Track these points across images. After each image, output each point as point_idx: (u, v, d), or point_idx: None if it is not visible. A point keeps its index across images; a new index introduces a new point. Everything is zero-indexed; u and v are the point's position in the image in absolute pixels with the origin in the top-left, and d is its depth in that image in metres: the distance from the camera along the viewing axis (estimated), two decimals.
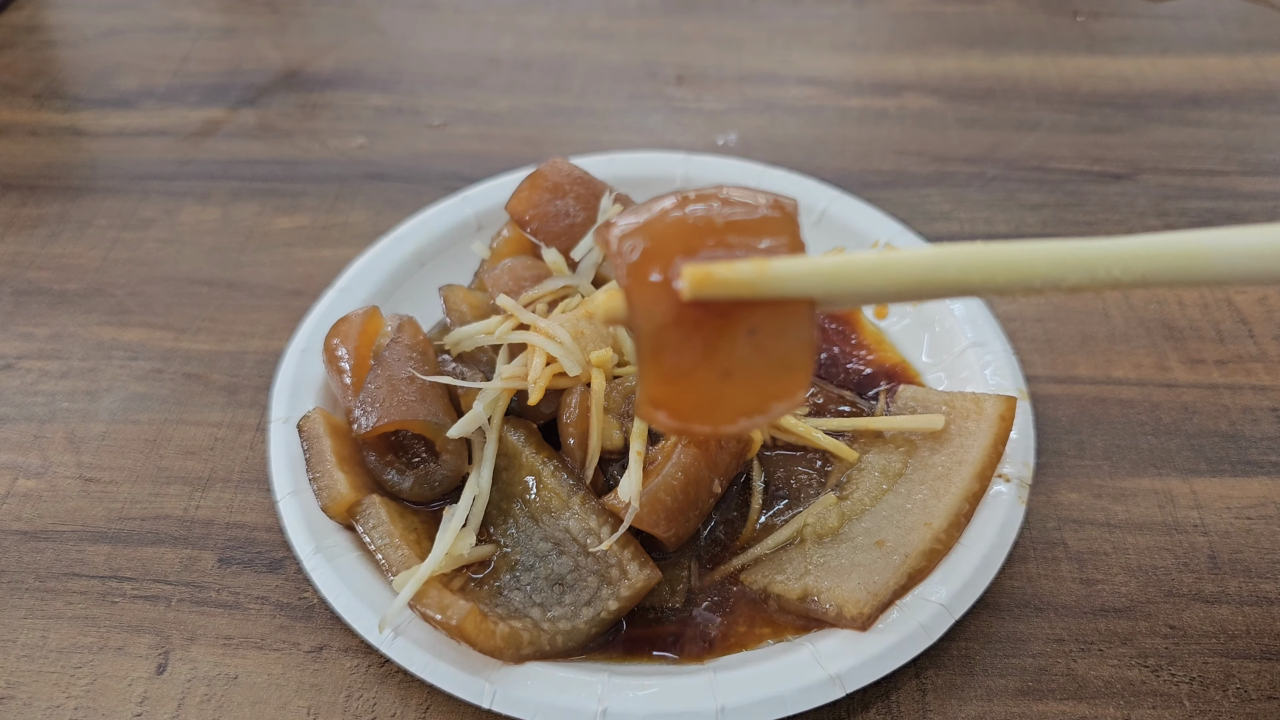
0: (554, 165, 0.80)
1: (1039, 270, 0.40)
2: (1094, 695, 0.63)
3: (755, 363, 0.42)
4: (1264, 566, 0.69)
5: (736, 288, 0.41)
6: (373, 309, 0.76)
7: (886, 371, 0.79)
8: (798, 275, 0.41)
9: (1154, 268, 0.40)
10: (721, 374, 0.42)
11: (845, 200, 0.88)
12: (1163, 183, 0.99)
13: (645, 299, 0.42)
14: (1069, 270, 0.40)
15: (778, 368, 0.43)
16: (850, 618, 0.61)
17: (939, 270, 0.41)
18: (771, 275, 0.41)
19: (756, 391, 0.43)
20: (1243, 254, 0.39)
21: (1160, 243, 0.40)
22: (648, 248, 0.42)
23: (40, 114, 1.09)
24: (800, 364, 0.43)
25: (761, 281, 0.41)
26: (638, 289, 0.42)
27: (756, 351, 0.42)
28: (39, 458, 0.77)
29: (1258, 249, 0.39)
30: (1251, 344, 0.83)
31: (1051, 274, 0.40)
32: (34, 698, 0.63)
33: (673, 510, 0.63)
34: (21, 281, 0.90)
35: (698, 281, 0.41)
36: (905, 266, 0.41)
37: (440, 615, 0.59)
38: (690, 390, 0.43)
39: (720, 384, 0.42)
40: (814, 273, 0.41)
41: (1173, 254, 0.40)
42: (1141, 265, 0.40)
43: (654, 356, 0.43)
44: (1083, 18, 1.21)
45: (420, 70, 1.14)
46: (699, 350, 0.42)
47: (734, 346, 0.42)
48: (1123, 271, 0.40)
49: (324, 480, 0.67)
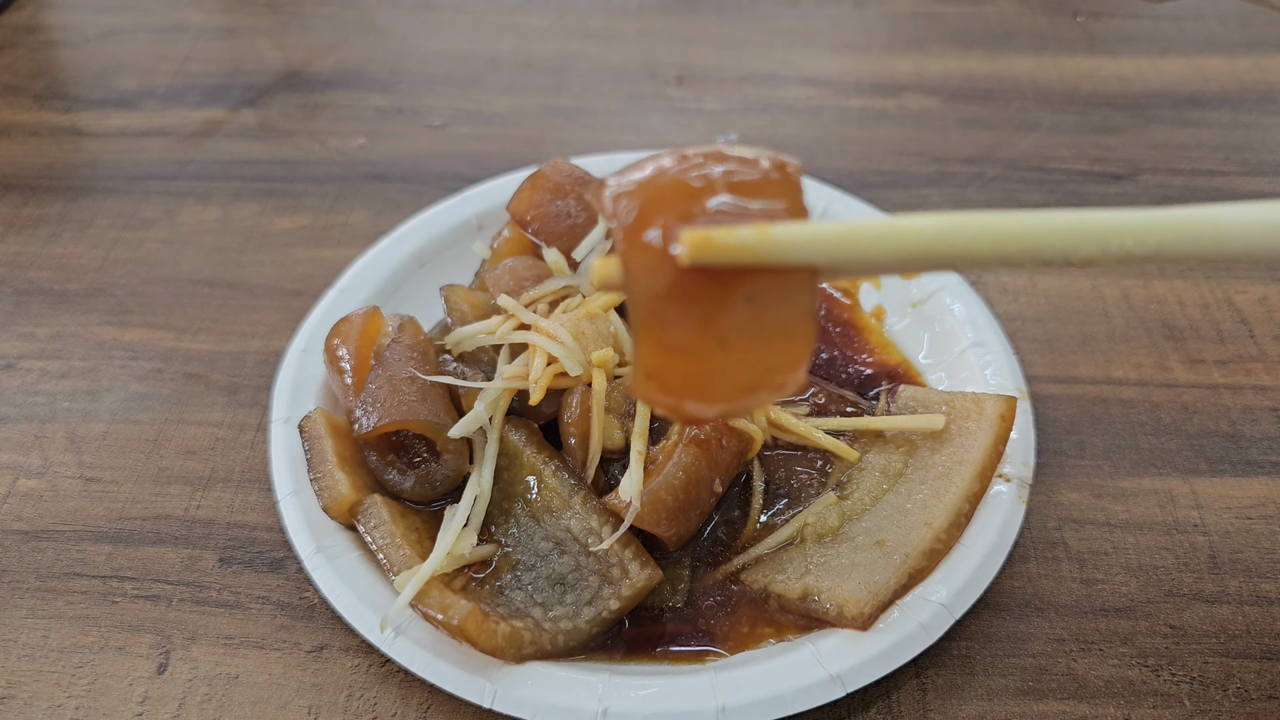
0: (555, 165, 0.80)
1: (1049, 241, 0.38)
2: (1094, 695, 0.63)
3: (753, 330, 0.40)
4: (1264, 566, 0.69)
5: (737, 253, 0.39)
6: (373, 309, 0.76)
7: (887, 371, 0.79)
8: (801, 241, 0.39)
9: (1167, 240, 0.38)
10: (718, 342, 0.40)
11: (845, 200, 0.88)
12: (1163, 183, 0.99)
13: (641, 264, 0.40)
14: (1081, 241, 0.38)
15: (777, 336, 0.41)
16: (851, 617, 0.61)
17: (947, 239, 0.39)
18: (774, 241, 0.39)
19: (755, 361, 0.41)
20: (1257, 229, 0.38)
21: (1174, 216, 0.38)
22: (644, 209, 0.40)
23: (41, 114, 1.09)
24: (801, 333, 0.41)
25: (763, 247, 0.39)
26: (633, 253, 0.40)
27: (755, 319, 0.40)
28: (40, 457, 0.77)
29: (1272, 225, 0.38)
30: (1252, 344, 0.83)
31: (1063, 245, 0.38)
32: (35, 697, 0.63)
33: (674, 510, 0.63)
34: (22, 281, 0.90)
35: (697, 246, 0.39)
36: (912, 234, 0.39)
37: (442, 615, 0.59)
38: (686, 360, 0.41)
39: (717, 352, 0.40)
40: (818, 239, 0.40)
41: (1186, 227, 0.38)
42: (1155, 238, 0.38)
43: (649, 323, 0.41)
44: (1083, 18, 1.21)
45: (420, 70, 1.14)
46: (696, 317, 0.40)
47: (731, 313, 0.40)
48: (1135, 243, 0.38)
49: (325, 481, 0.67)
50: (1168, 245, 0.38)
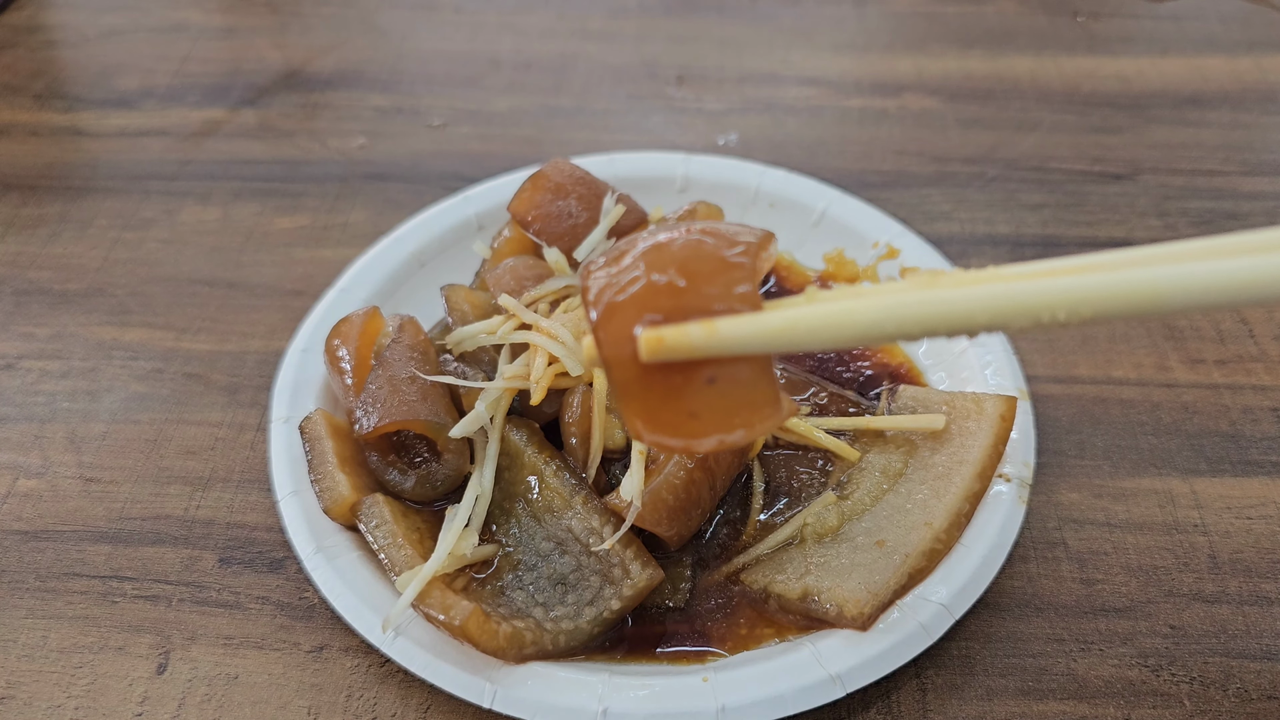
0: (556, 166, 0.80)
1: (980, 320, 0.40)
2: (1094, 695, 0.63)
3: (720, 406, 0.45)
4: (1264, 566, 0.69)
5: (688, 351, 0.44)
6: (373, 309, 0.76)
7: (888, 371, 0.79)
8: (745, 335, 0.44)
9: (1102, 310, 0.39)
10: (688, 414, 0.45)
11: (845, 200, 0.88)
12: (1163, 183, 0.99)
13: (611, 355, 0.45)
14: (1013, 317, 0.40)
15: (741, 408, 0.45)
16: (851, 617, 0.61)
17: (880, 324, 0.42)
18: (720, 338, 0.43)
19: (724, 423, 0.46)
20: (1196, 286, 0.38)
21: (1108, 282, 0.39)
22: (611, 305, 0.45)
23: (41, 114, 1.09)
24: (763, 400, 0.46)
25: (711, 343, 0.43)
26: (604, 344, 0.45)
27: (720, 397, 0.45)
28: (39, 457, 0.77)
29: (1208, 279, 0.38)
30: (1252, 344, 0.83)
31: (994, 322, 0.40)
32: (35, 697, 0.63)
33: (675, 509, 0.63)
34: (22, 281, 0.90)
35: (651, 346, 0.44)
36: (849, 320, 0.42)
37: (443, 616, 0.59)
38: (664, 424, 0.46)
39: (689, 421, 0.45)
40: (761, 332, 0.43)
41: (1121, 294, 0.38)
42: (1088, 309, 0.39)
43: (627, 398, 0.46)
44: (1083, 18, 1.21)
45: (420, 70, 1.14)
46: (663, 396, 0.45)
47: (697, 394, 0.45)
48: (1068, 315, 0.39)
49: (326, 482, 0.67)
50: (1102, 313, 0.39)
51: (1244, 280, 0.37)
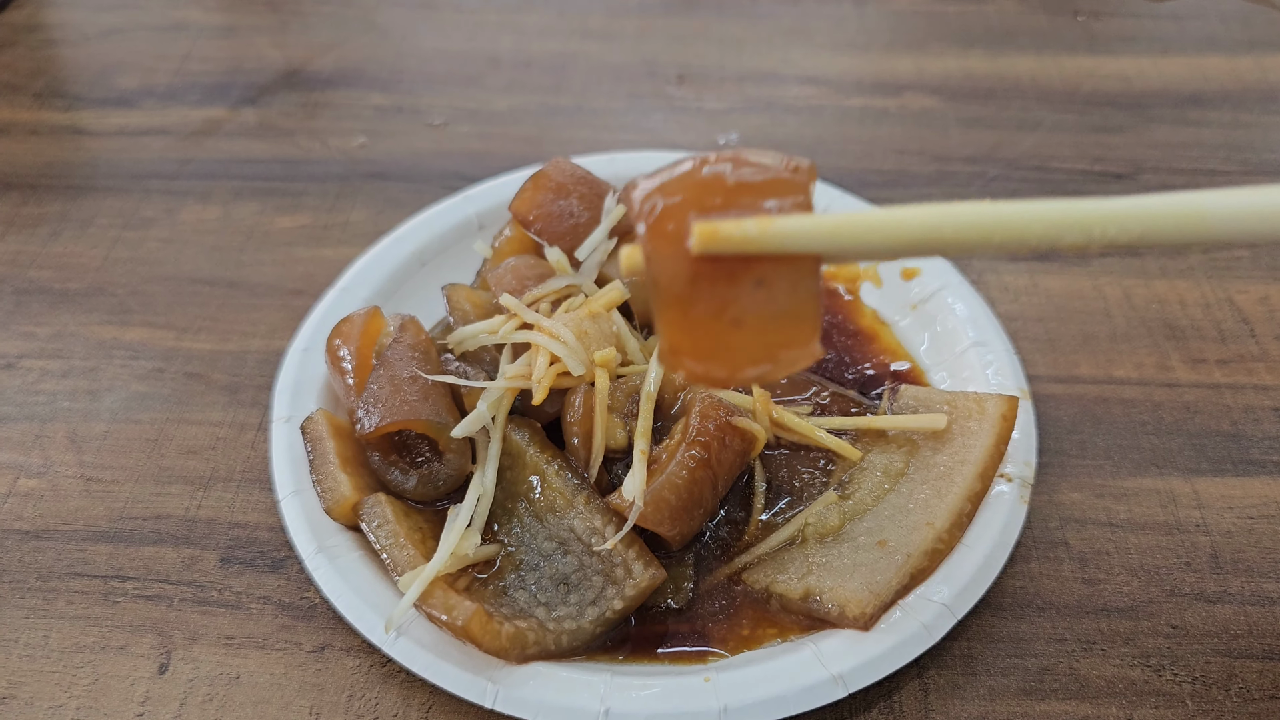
0: (557, 165, 0.80)
1: (1035, 230, 0.41)
2: (1096, 695, 0.63)
3: (764, 312, 0.45)
4: (1266, 566, 0.69)
5: (741, 243, 0.44)
6: (374, 309, 0.76)
7: (889, 371, 0.79)
8: (799, 232, 0.44)
9: (1151, 228, 0.40)
10: (733, 322, 0.45)
11: (846, 200, 0.88)
12: (1164, 182, 0.99)
13: (661, 254, 0.45)
14: (1065, 229, 0.41)
15: (785, 318, 0.45)
16: (853, 617, 0.61)
17: (937, 228, 0.42)
18: (774, 232, 0.44)
19: (765, 339, 0.46)
20: (1241, 212, 0.40)
21: (1157, 203, 0.41)
22: (665, 207, 0.45)
23: (41, 113, 1.09)
24: (807, 314, 0.46)
25: (765, 237, 0.44)
26: (654, 245, 0.45)
27: (765, 302, 0.45)
28: (40, 457, 0.77)
29: (1255, 208, 0.40)
30: (1253, 343, 0.83)
31: (1048, 233, 0.41)
32: (36, 697, 0.63)
33: (677, 509, 0.63)
34: (22, 281, 0.90)
35: (705, 237, 0.44)
36: (905, 223, 0.43)
37: (446, 616, 0.59)
38: (705, 338, 0.46)
39: (732, 331, 0.45)
40: (816, 229, 0.44)
41: (1169, 213, 0.40)
42: (1138, 225, 0.41)
43: (670, 307, 0.46)
44: (1083, 17, 1.21)
45: (421, 69, 1.14)
46: (711, 300, 0.45)
47: (743, 297, 0.45)
48: (1119, 231, 0.41)
49: (328, 482, 0.67)
50: (1151, 232, 0.41)
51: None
